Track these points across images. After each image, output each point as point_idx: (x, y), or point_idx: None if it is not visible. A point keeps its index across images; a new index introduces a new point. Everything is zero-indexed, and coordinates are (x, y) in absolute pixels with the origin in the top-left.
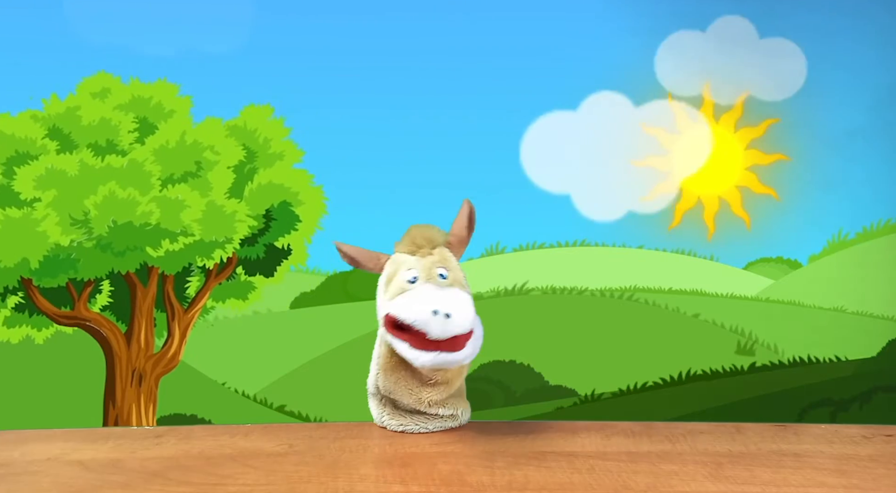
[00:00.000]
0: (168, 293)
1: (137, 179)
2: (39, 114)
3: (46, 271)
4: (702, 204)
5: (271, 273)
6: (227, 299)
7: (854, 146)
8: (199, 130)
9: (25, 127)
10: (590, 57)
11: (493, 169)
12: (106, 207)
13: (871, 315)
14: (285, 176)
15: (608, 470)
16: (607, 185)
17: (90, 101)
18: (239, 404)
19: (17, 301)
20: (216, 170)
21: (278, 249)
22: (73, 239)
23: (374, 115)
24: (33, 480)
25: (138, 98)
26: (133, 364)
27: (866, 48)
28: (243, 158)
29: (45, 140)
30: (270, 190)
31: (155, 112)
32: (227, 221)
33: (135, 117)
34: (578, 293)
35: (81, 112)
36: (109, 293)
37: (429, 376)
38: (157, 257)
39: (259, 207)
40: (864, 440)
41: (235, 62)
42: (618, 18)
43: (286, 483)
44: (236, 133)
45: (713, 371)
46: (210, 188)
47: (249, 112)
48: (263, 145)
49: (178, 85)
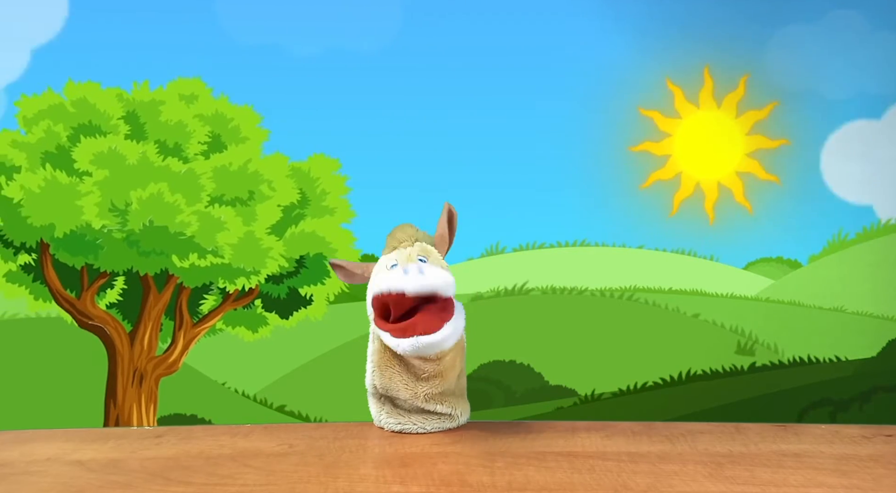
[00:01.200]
0: (181, 304)
1: (188, 189)
2: (125, 95)
3: (67, 246)
4: (701, 191)
5: (287, 316)
6: (238, 326)
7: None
8: (265, 162)
9: (108, 102)
10: (581, 56)
11: (493, 169)
12: (149, 204)
13: (871, 315)
14: (330, 231)
15: (608, 470)
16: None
17: (176, 100)
18: (239, 404)
19: (28, 261)
20: (266, 204)
21: (300, 295)
22: (105, 225)
23: (373, 111)
24: (33, 480)
25: (221, 115)
26: (135, 364)
27: (866, 47)
28: (296, 202)
29: (119, 121)
30: (312, 239)
31: (231, 133)
32: (259, 254)
33: (210, 131)
34: (578, 293)
35: (164, 108)
36: (121, 291)
37: (421, 369)
38: (181, 267)
39: (295, 251)
40: (864, 440)
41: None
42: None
43: (286, 483)
44: (298, 176)
45: (713, 371)
46: (254, 219)
47: (317, 160)
48: (319, 196)
49: (261, 116)
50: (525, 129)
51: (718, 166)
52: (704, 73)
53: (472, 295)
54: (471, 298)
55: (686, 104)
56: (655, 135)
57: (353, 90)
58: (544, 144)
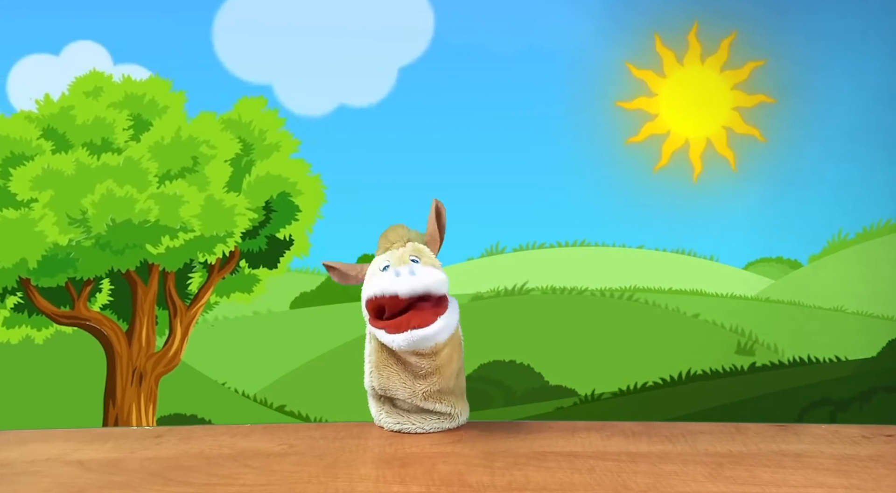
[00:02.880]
0: (170, 291)
1: (134, 177)
2: (33, 114)
3: (45, 271)
4: (689, 144)
5: (274, 265)
6: (232, 294)
7: (853, 146)
8: (194, 125)
9: (20, 128)
10: (578, 55)
11: (493, 168)
12: (104, 205)
13: (871, 315)
14: (283, 167)
15: (608, 470)
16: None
17: (83, 100)
18: (239, 404)
19: (17, 302)
20: (213, 164)
21: (280, 240)
22: (71, 238)
23: (373, 111)
24: (33, 480)
25: (131, 95)
26: (134, 363)
27: (867, 45)
28: (240, 151)
29: (41, 140)
30: (269, 181)
31: (149, 109)
32: (226, 215)
33: (129, 115)
34: (578, 293)
35: (75, 111)
36: (110, 292)
37: (419, 366)
38: (158, 254)
39: (258, 199)
40: (864, 440)
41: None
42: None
43: (286, 483)
44: (231, 126)
45: (713, 371)
46: (208, 183)
47: (243, 105)
48: (259, 137)
49: (170, 80)
50: (526, 128)
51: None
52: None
53: (472, 295)
54: (471, 298)
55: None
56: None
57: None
58: (545, 142)
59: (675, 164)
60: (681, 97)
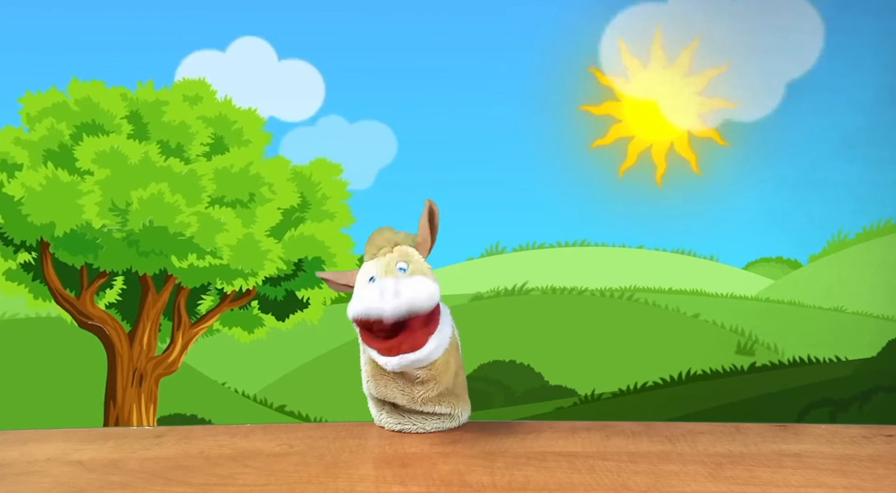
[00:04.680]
0: (179, 304)
1: (189, 190)
2: (129, 94)
3: (68, 245)
4: (652, 148)
5: (283, 318)
6: (234, 327)
7: (853, 146)
8: (266, 165)
9: (112, 101)
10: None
11: (493, 168)
12: (149, 204)
13: (871, 315)
14: (330, 236)
15: (608, 470)
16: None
17: (180, 101)
18: (239, 404)
19: (28, 260)
20: (266, 207)
21: (297, 299)
22: (105, 224)
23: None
24: (33, 480)
25: (224, 117)
26: (134, 364)
27: (866, 45)
28: (296, 205)
29: (123, 121)
30: (311, 243)
31: (234, 136)
32: (258, 256)
33: (213, 133)
34: (578, 293)
35: (167, 108)
36: (120, 291)
37: (415, 374)
38: (179, 267)
39: (293, 254)
40: (864, 440)
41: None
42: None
43: (286, 483)
44: (299, 179)
45: (713, 371)
46: (254, 221)
47: (318, 164)
48: (320, 201)
49: (265, 119)
50: (525, 127)
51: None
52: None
53: (472, 295)
54: (471, 298)
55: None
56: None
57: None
58: (545, 142)
59: (672, 164)
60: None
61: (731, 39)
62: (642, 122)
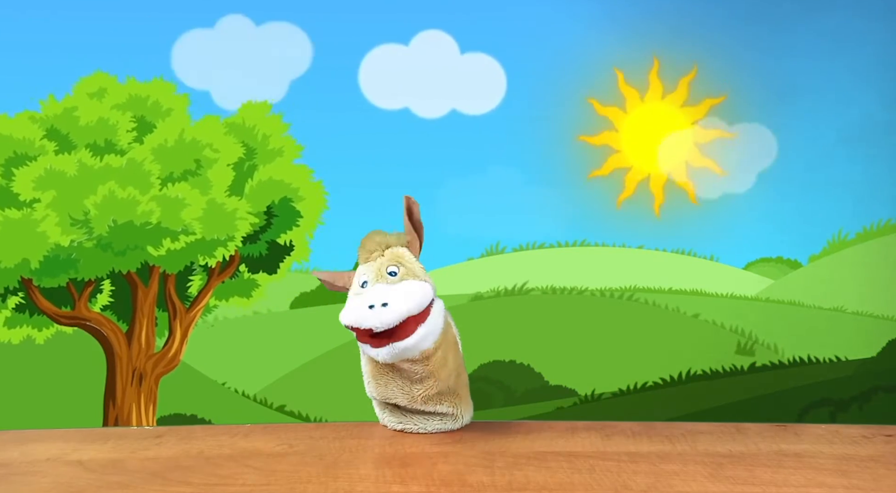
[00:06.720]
0: (170, 292)
1: (137, 179)
2: (37, 115)
3: (47, 272)
4: (650, 178)
5: (274, 270)
6: (231, 298)
7: (853, 146)
8: (198, 127)
9: (23, 128)
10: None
11: (493, 168)
12: (106, 206)
13: (871, 315)
14: (285, 172)
15: (608, 470)
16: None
17: (87, 101)
18: (239, 404)
19: (18, 302)
20: (216, 168)
21: (280, 245)
22: (73, 239)
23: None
24: (33, 480)
25: (135, 97)
26: (133, 364)
27: (866, 44)
28: (242, 156)
29: (44, 141)
30: (271, 186)
31: (152, 111)
32: (228, 219)
33: (132, 116)
34: (578, 293)
35: (79, 112)
36: (110, 293)
37: (413, 372)
38: (159, 256)
39: (260, 204)
40: (864, 440)
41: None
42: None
43: (286, 483)
44: (235, 130)
45: (713, 371)
46: (210, 186)
47: (247, 109)
48: (262, 142)
49: (174, 83)
50: (526, 127)
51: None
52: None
53: (472, 295)
54: (471, 298)
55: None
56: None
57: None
58: (548, 141)
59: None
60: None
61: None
62: (639, 152)
